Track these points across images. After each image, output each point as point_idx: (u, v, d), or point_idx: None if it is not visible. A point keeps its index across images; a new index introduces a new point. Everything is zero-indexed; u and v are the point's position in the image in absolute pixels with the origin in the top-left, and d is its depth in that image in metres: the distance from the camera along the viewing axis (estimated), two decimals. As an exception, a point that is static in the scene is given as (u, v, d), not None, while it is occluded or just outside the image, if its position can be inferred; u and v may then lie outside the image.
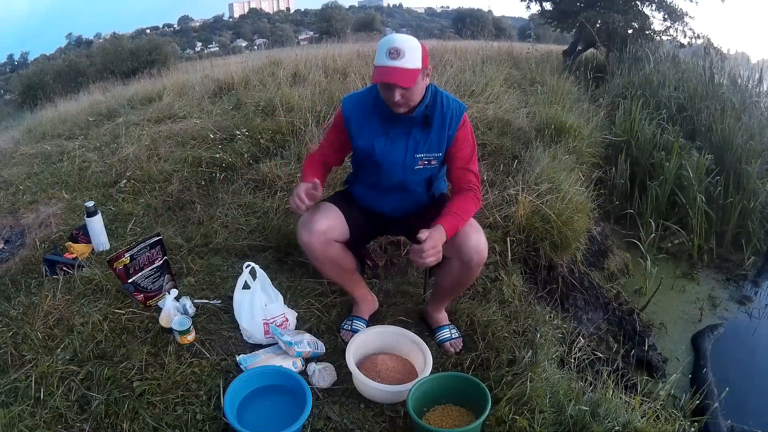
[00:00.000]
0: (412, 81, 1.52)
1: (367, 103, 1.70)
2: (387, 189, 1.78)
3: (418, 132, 1.68)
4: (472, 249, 1.62)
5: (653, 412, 1.73)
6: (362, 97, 1.74)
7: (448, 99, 1.69)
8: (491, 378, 1.69)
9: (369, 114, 1.70)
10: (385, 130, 1.70)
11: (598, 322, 2.88)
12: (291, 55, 6.39)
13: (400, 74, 1.50)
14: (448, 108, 1.67)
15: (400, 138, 1.69)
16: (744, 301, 3.44)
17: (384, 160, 1.71)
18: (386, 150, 1.70)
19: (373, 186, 1.80)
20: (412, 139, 1.69)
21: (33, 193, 3.06)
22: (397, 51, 1.50)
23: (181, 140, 3.62)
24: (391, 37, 1.55)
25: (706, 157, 3.97)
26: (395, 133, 1.69)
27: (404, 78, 1.51)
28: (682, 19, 7.61)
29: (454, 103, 1.69)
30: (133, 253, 1.88)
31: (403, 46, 1.51)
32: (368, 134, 1.71)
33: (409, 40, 1.54)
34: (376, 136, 1.71)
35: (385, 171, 1.73)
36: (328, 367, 1.69)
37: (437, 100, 1.67)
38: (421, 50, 1.54)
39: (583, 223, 2.86)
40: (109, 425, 1.45)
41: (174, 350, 1.71)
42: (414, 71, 1.52)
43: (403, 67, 1.50)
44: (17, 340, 1.72)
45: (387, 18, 47.84)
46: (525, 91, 4.87)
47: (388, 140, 1.70)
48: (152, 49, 14.34)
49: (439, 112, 1.66)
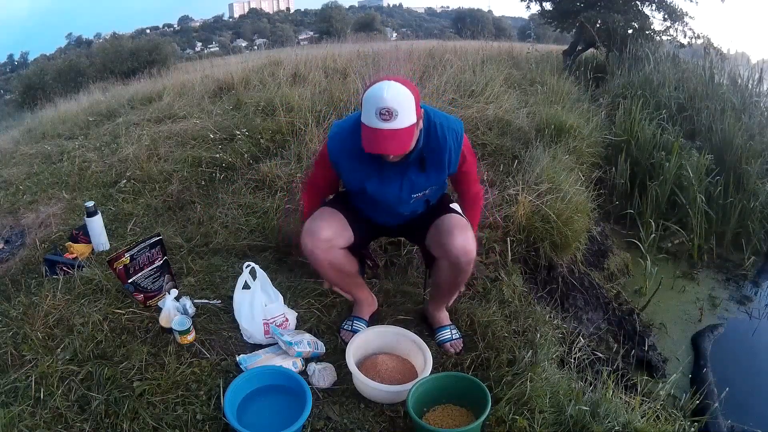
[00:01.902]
0: (407, 144, 1.43)
1: (356, 142, 1.50)
2: (382, 211, 1.76)
3: (413, 173, 1.61)
4: (459, 250, 1.59)
5: (653, 412, 1.73)
6: (350, 134, 1.56)
7: (443, 129, 1.56)
8: (491, 378, 1.69)
9: (359, 155, 1.53)
10: (377, 171, 1.60)
11: (598, 322, 2.88)
12: (291, 55, 6.40)
13: (395, 142, 1.40)
14: (444, 142, 1.56)
15: (394, 179, 1.62)
16: (744, 301, 3.44)
17: (377, 197, 1.66)
18: (379, 190, 1.64)
19: (369, 205, 1.76)
20: (407, 180, 1.62)
21: (33, 193, 3.06)
22: (389, 112, 1.36)
23: (181, 140, 3.62)
24: (379, 92, 1.37)
25: (706, 157, 3.96)
26: (388, 174, 1.61)
27: (400, 144, 1.41)
28: (682, 19, 7.61)
29: (450, 132, 1.57)
30: (133, 253, 1.87)
31: (394, 104, 1.36)
32: (358, 177, 1.64)
33: (400, 94, 1.38)
34: (367, 179, 1.62)
35: (380, 205, 1.71)
36: (328, 367, 1.69)
37: (431, 137, 1.56)
38: (413, 99, 1.41)
39: (583, 223, 2.87)
40: (109, 425, 1.45)
41: (174, 350, 1.71)
42: (409, 130, 1.41)
43: (397, 129, 1.38)
44: (17, 340, 1.71)
45: (387, 18, 47.86)
46: (525, 91, 4.87)
47: (380, 181, 1.62)
48: (152, 49, 14.34)
49: (436, 151, 1.57)
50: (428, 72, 4.83)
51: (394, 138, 1.40)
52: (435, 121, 1.57)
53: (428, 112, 1.59)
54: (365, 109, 1.42)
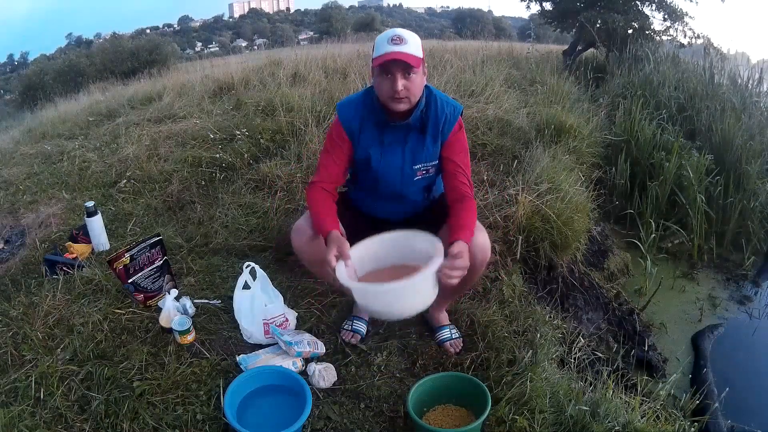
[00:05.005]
0: (417, 63, 1.52)
1: (362, 108, 1.64)
2: (385, 196, 1.75)
3: (413, 139, 1.64)
4: (477, 247, 1.58)
5: (653, 412, 1.73)
6: (356, 102, 1.67)
7: (443, 102, 1.64)
8: (491, 378, 1.69)
9: (365, 120, 1.65)
10: (379, 138, 1.65)
11: (598, 322, 2.88)
12: (291, 55, 6.40)
13: (406, 55, 1.49)
14: (442, 112, 1.63)
15: (396, 147, 1.65)
16: (744, 301, 3.43)
17: (381, 170, 1.67)
18: (383, 161, 1.66)
19: (371, 192, 1.76)
20: (408, 148, 1.65)
21: (33, 193, 3.07)
22: (399, 38, 1.51)
23: (181, 140, 3.62)
24: (391, 30, 1.56)
25: (706, 157, 3.96)
26: (390, 141, 1.65)
27: (410, 59, 1.50)
28: (682, 19, 7.61)
29: (449, 106, 1.64)
30: (133, 253, 1.88)
31: (404, 34, 1.53)
32: (364, 143, 1.66)
33: (409, 32, 1.56)
34: (371, 146, 1.66)
35: (383, 181, 1.70)
36: (328, 367, 1.68)
37: (431, 105, 1.63)
38: (421, 44, 1.56)
39: (583, 223, 2.86)
40: (109, 425, 1.45)
41: (174, 350, 1.71)
42: (418, 58, 1.52)
43: (408, 52, 1.50)
44: (17, 340, 1.72)
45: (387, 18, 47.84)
46: (525, 91, 4.87)
47: (383, 150, 1.65)
48: (152, 49, 14.36)
49: (433, 118, 1.62)
50: (428, 72, 4.82)
51: (407, 55, 1.50)
52: (435, 95, 1.65)
53: (430, 87, 1.66)
54: (378, 45, 1.54)
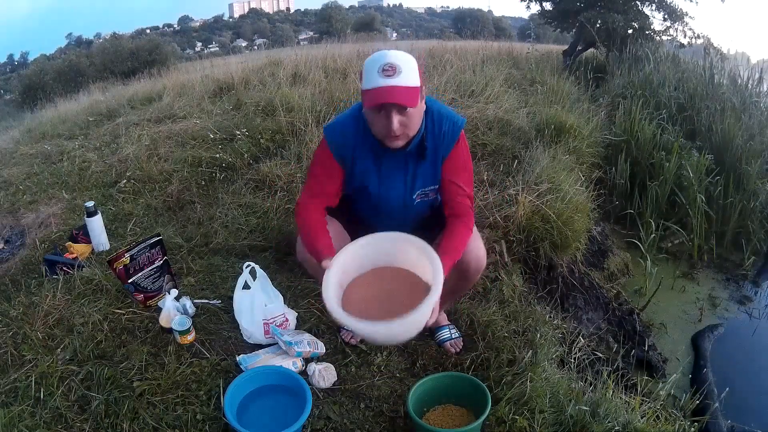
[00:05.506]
0: (414, 100, 1.31)
1: (353, 134, 1.45)
2: (386, 218, 1.60)
3: (412, 164, 1.50)
4: (471, 255, 1.54)
5: (653, 412, 1.73)
6: (345, 125, 1.49)
7: (441, 118, 1.48)
8: (491, 378, 1.69)
9: (357, 148, 1.46)
10: (376, 166, 1.50)
11: (598, 322, 2.88)
12: (291, 55, 6.40)
13: (400, 93, 1.28)
14: (440, 131, 1.47)
15: (396, 174, 1.51)
16: (744, 301, 3.44)
17: (381, 199, 1.55)
18: (381, 188, 1.53)
19: (371, 215, 1.64)
20: (409, 174, 1.51)
21: (33, 193, 3.06)
22: (392, 67, 1.28)
23: (181, 140, 3.62)
24: (381, 54, 1.32)
25: (706, 157, 3.96)
26: (388, 169, 1.50)
27: (406, 96, 1.29)
28: (682, 19, 7.63)
29: (448, 122, 1.48)
30: (133, 253, 1.87)
31: (398, 61, 1.30)
32: (359, 172, 1.51)
33: (403, 55, 1.33)
34: (367, 175, 1.51)
35: (384, 211, 1.59)
36: (328, 367, 1.68)
37: (429, 126, 1.46)
38: (416, 64, 1.34)
39: (583, 223, 2.86)
40: (109, 425, 1.45)
41: (174, 350, 1.71)
42: (414, 89, 1.31)
43: (402, 85, 1.29)
44: (17, 340, 1.71)
45: (387, 18, 47.85)
46: (525, 91, 4.87)
47: (381, 179, 1.52)
48: (152, 49, 14.39)
49: (431, 141, 1.47)
50: (428, 72, 4.84)
51: (402, 92, 1.29)
52: (434, 109, 1.49)
53: (428, 102, 1.49)
54: (367, 72, 1.32)
